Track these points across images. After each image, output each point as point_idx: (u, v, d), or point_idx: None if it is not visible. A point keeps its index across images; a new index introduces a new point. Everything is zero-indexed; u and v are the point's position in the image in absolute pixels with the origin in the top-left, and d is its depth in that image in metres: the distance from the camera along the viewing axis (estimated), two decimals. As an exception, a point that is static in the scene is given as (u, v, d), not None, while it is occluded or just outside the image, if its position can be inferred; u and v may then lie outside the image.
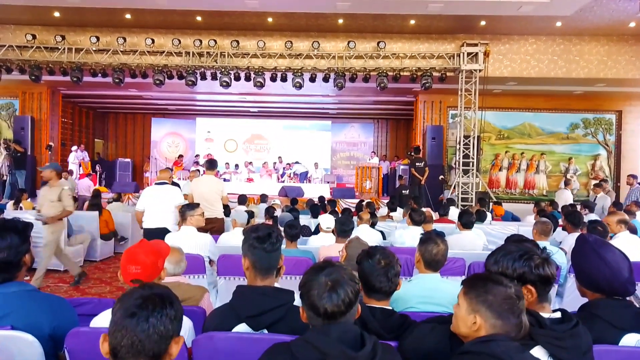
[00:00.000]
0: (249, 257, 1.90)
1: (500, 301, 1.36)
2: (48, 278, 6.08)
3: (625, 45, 10.54)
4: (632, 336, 1.70)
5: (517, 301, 1.37)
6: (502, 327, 1.35)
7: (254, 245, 1.89)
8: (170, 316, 1.19)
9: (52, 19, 10.17)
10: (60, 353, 1.83)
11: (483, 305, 1.38)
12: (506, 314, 1.35)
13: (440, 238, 2.50)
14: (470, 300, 1.42)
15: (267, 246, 1.89)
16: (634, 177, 8.54)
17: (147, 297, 1.18)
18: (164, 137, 17.96)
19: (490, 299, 1.37)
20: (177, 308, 1.23)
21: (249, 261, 1.91)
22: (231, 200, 10.01)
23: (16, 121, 12.40)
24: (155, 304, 1.17)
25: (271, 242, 1.90)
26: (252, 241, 1.90)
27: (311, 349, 1.32)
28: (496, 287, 1.38)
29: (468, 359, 1.33)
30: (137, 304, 1.16)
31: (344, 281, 1.41)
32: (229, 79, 10.34)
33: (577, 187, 12.48)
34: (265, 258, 1.89)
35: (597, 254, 1.77)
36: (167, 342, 1.19)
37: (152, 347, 1.15)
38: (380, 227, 6.11)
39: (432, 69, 10.30)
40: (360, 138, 18.03)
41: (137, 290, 1.23)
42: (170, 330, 1.19)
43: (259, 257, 1.89)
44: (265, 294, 1.82)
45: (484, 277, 1.45)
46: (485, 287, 1.40)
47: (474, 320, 1.40)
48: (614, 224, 4.12)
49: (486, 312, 1.37)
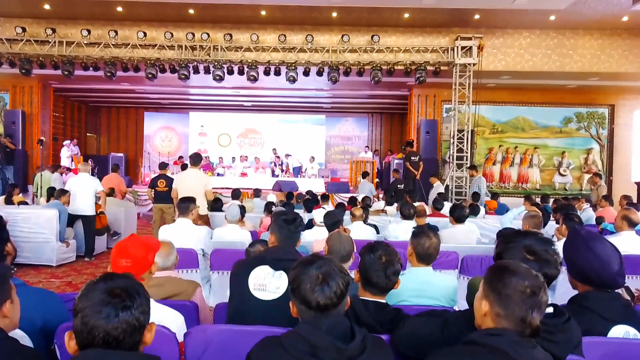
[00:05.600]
0: (277, 234, 2.39)
1: (510, 292, 1.32)
2: (40, 273, 6.05)
3: (619, 39, 10.58)
4: (620, 328, 1.71)
5: (528, 296, 1.30)
6: (505, 318, 1.32)
7: (281, 225, 2.38)
8: (139, 308, 1.17)
9: (42, 12, 10.04)
10: (50, 347, 1.82)
11: (493, 292, 1.36)
12: (512, 305, 1.31)
13: (433, 232, 2.50)
14: (485, 285, 1.40)
15: (291, 227, 2.39)
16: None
17: (111, 291, 1.15)
18: (157, 132, 17.85)
19: (500, 287, 1.34)
20: (143, 296, 1.21)
21: (276, 237, 2.39)
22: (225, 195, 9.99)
23: (7, 115, 12.26)
24: (122, 298, 1.15)
25: (295, 225, 2.41)
26: (280, 222, 2.39)
27: (302, 342, 1.33)
28: (510, 277, 1.34)
29: (471, 350, 1.31)
30: (103, 301, 1.14)
31: (335, 273, 1.42)
32: (222, 73, 10.27)
33: (570, 181, 12.58)
34: (289, 237, 2.38)
35: (588, 247, 1.78)
36: (141, 331, 1.18)
37: (127, 341, 1.15)
38: (374, 221, 6.12)
39: (426, 63, 10.29)
40: (355, 132, 18.01)
41: (98, 284, 1.19)
42: (142, 321, 1.18)
43: (284, 235, 2.37)
44: (286, 250, 2.30)
45: (505, 265, 1.42)
46: (501, 274, 1.37)
47: (482, 306, 1.38)
48: (619, 218, 3.91)
49: (494, 300, 1.35)
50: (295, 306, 1.45)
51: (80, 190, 6.73)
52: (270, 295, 2.11)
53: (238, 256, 3.06)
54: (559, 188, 12.54)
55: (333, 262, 1.47)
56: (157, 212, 7.47)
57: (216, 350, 1.75)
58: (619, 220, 3.91)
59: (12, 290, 1.54)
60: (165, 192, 7.23)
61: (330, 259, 1.51)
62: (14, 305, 1.53)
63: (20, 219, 6.29)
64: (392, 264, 1.94)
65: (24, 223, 6.28)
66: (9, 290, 1.53)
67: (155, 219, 7.56)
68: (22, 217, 6.32)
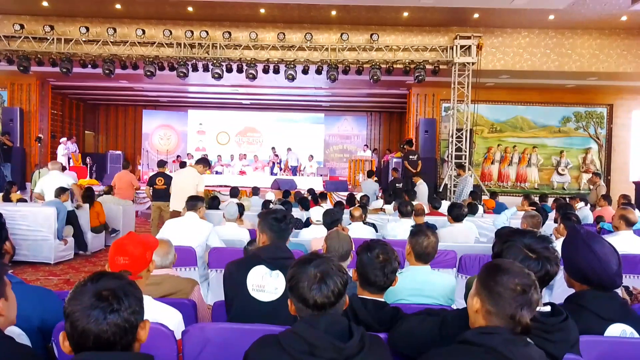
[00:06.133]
0: (268, 233, 2.36)
1: (500, 289, 1.33)
2: (38, 271, 6.04)
3: (617, 39, 10.59)
4: (617, 326, 1.72)
5: (519, 293, 1.31)
6: (496, 315, 1.33)
7: (272, 224, 2.35)
8: (128, 309, 1.16)
9: (40, 9, 10.00)
10: (48, 345, 1.81)
11: (485, 289, 1.36)
12: (502, 303, 1.31)
13: (431, 230, 2.51)
14: (477, 282, 1.41)
15: (282, 225, 2.36)
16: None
17: (99, 294, 1.14)
18: (155, 130, 17.82)
19: (492, 284, 1.35)
20: (133, 296, 1.19)
21: (267, 236, 2.36)
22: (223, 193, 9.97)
23: (5, 113, 12.21)
24: (110, 302, 1.13)
25: (286, 222, 2.38)
26: (271, 220, 2.35)
27: (299, 341, 1.33)
28: (502, 275, 1.35)
29: (465, 349, 1.31)
30: (91, 305, 1.12)
31: (333, 272, 1.41)
32: (220, 71, 10.25)
33: (568, 180, 12.60)
34: (280, 236, 2.35)
35: (588, 246, 1.77)
36: (134, 331, 1.18)
37: (120, 341, 1.14)
38: (373, 220, 6.12)
39: (425, 62, 10.29)
40: (354, 131, 18.01)
41: (86, 286, 1.17)
42: (133, 322, 1.17)
43: (276, 233, 2.34)
44: (279, 248, 2.28)
45: (498, 264, 1.42)
46: (493, 272, 1.38)
47: (474, 303, 1.38)
48: (617, 218, 3.89)
49: (485, 297, 1.35)
50: (294, 304, 1.45)
51: (52, 188, 6.71)
52: (270, 296, 2.10)
53: (237, 254, 3.05)
54: (557, 187, 12.56)
55: (332, 261, 1.47)
56: (156, 210, 7.47)
57: (214, 349, 1.75)
58: (616, 220, 3.89)
59: (6, 287, 1.51)
60: (164, 190, 7.22)
61: (329, 257, 1.50)
62: (9, 303, 1.51)
63: (18, 216, 6.27)
64: (389, 262, 1.94)
65: (22, 221, 6.27)
66: (3, 287, 1.50)
67: (153, 217, 7.56)
68: (20, 214, 6.30)
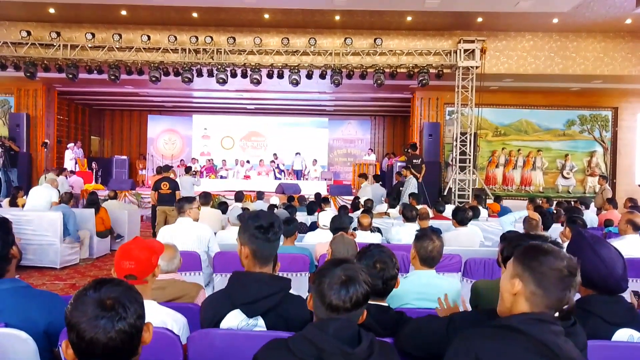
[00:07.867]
0: (249, 246, 1.83)
1: (546, 270, 1.30)
2: (44, 276, 6.06)
3: (622, 42, 10.56)
4: (624, 331, 1.71)
5: (566, 276, 1.29)
6: (541, 297, 1.30)
7: (255, 235, 1.81)
8: (134, 315, 1.15)
9: (47, 15, 10.10)
10: (54, 349, 1.82)
11: (527, 270, 1.32)
12: (549, 284, 1.28)
13: (436, 234, 2.50)
14: (516, 264, 1.37)
15: (270, 236, 1.82)
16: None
17: (104, 304, 1.13)
18: (160, 134, 17.90)
19: (535, 265, 1.31)
20: (136, 301, 1.18)
21: (249, 250, 1.83)
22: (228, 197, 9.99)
23: (11, 118, 12.31)
24: (117, 311, 1.13)
25: (274, 232, 1.84)
26: (253, 231, 1.81)
27: (308, 345, 1.33)
28: (545, 256, 1.32)
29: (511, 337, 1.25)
30: (98, 316, 1.11)
31: (358, 281, 1.40)
32: (225, 76, 10.31)
33: (573, 184, 12.54)
34: (267, 248, 1.83)
35: (594, 251, 1.76)
36: (140, 335, 1.18)
37: (127, 347, 1.14)
38: (377, 224, 6.12)
39: (429, 66, 10.29)
40: (358, 135, 18.01)
41: (88, 294, 1.17)
42: (139, 326, 1.17)
43: (260, 247, 1.82)
44: (261, 281, 1.77)
45: (537, 245, 1.39)
46: (534, 253, 1.35)
47: (514, 285, 1.34)
48: (623, 222, 3.86)
49: (528, 278, 1.31)
50: (312, 299, 1.46)
51: (35, 203, 6.83)
52: None
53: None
54: (562, 191, 12.50)
55: (363, 271, 1.45)
56: (161, 215, 7.49)
57: (219, 354, 1.74)
58: (623, 224, 3.86)
59: None
60: (169, 195, 7.25)
61: (360, 267, 1.48)
62: None
63: (24, 221, 6.32)
64: (387, 270, 1.94)
65: (28, 225, 6.31)
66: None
67: (158, 221, 7.58)
68: (26, 219, 6.35)
